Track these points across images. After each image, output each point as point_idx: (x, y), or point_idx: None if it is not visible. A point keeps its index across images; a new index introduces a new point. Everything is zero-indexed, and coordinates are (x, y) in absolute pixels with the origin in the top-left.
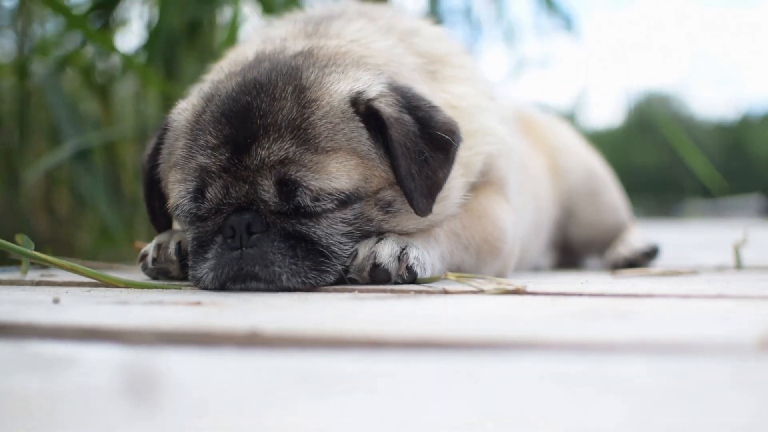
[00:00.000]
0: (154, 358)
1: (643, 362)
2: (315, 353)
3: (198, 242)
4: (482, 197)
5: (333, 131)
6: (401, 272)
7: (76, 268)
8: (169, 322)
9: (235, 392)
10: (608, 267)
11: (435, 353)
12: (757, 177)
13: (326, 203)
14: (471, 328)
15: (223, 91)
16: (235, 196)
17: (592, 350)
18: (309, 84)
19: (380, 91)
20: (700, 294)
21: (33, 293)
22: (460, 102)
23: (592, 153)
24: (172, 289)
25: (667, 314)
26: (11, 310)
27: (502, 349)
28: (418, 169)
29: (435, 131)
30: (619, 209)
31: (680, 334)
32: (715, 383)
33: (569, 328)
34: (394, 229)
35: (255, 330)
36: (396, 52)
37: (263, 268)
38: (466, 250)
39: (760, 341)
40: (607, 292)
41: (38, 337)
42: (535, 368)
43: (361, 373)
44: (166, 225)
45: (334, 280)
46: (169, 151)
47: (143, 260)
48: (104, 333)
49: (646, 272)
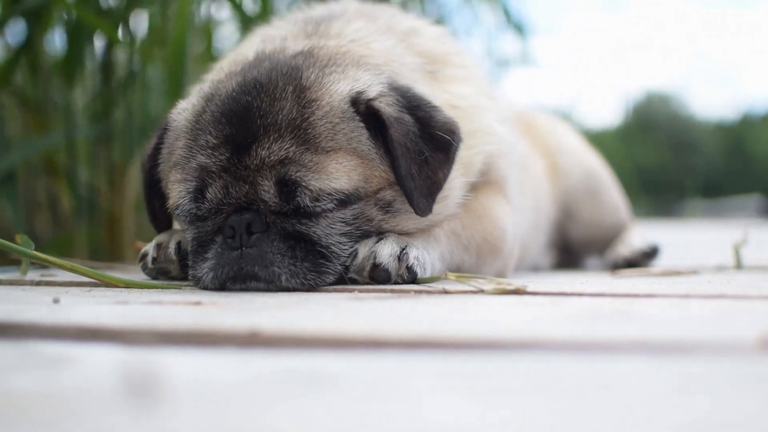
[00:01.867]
0: (154, 358)
1: (643, 362)
2: (315, 353)
3: (198, 242)
4: (482, 197)
5: (333, 131)
6: (401, 272)
7: (76, 268)
8: (169, 322)
9: (235, 392)
10: (608, 267)
11: (435, 353)
12: (757, 177)
13: (326, 203)
14: (471, 328)
15: (223, 90)
16: (235, 196)
17: (592, 350)
18: (309, 84)
19: (380, 91)
20: (700, 294)
21: (33, 293)
22: (461, 102)
23: (591, 153)
24: (172, 289)
25: (667, 314)
26: (11, 310)
27: (502, 349)
28: (418, 169)
29: (435, 131)
30: (618, 209)
31: (680, 334)
32: (715, 383)
33: (569, 328)
34: (394, 229)
35: (255, 330)
36: (396, 51)
37: (263, 268)
38: (466, 249)
39: (760, 341)
40: (607, 292)
41: (38, 337)
42: (535, 368)
43: (361, 373)
44: (166, 225)
45: (333, 280)
46: (169, 151)
47: (143, 260)
48: (104, 333)
49: (646, 272)
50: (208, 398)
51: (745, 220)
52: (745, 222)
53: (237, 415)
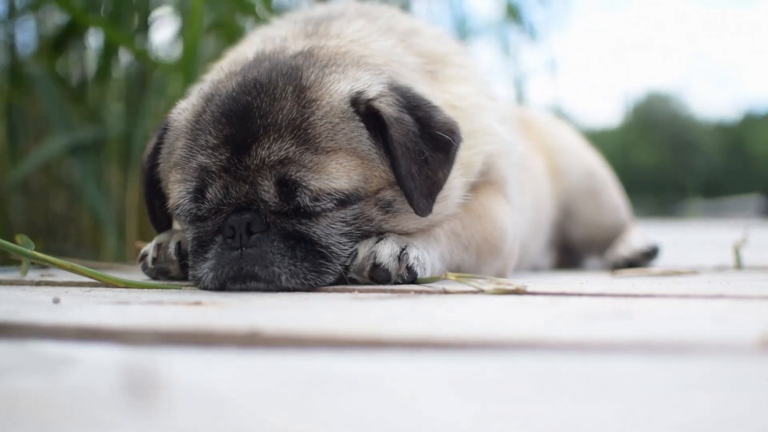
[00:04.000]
0: (154, 358)
1: (643, 362)
2: (315, 353)
3: (198, 242)
4: (482, 197)
5: (333, 131)
6: (401, 272)
7: (76, 268)
8: (169, 322)
9: (235, 392)
10: (608, 267)
11: (435, 353)
12: (757, 177)
13: (326, 203)
14: (471, 328)
15: (223, 90)
16: (235, 196)
17: (592, 350)
18: (309, 84)
19: (380, 91)
20: (700, 294)
21: (33, 293)
22: (461, 102)
23: (591, 153)
24: (172, 289)
25: (667, 314)
26: (11, 310)
27: (501, 349)
28: (418, 169)
29: (435, 131)
30: (618, 209)
31: (680, 334)
32: (715, 383)
33: (569, 328)
34: (394, 229)
35: (255, 330)
36: (396, 52)
37: (263, 268)
38: (466, 249)
39: (760, 341)
40: (607, 292)
41: (38, 337)
42: (535, 368)
43: (361, 373)
44: (166, 225)
45: (333, 280)
46: (169, 151)
47: (143, 260)
48: (104, 333)
49: (646, 272)
50: (208, 398)
51: (745, 220)
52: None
53: (237, 415)
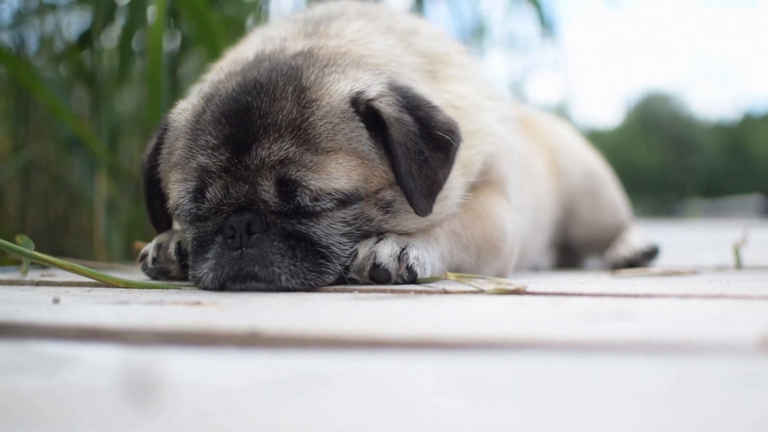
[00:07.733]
0: (154, 358)
1: (642, 362)
2: (315, 353)
3: (198, 242)
4: (482, 197)
5: (333, 131)
6: (401, 272)
7: (76, 268)
8: (169, 322)
9: (235, 392)
10: (608, 267)
11: (435, 353)
12: (757, 177)
13: (326, 203)
14: (471, 328)
15: (223, 91)
16: (235, 196)
17: (592, 350)
18: (309, 84)
19: (380, 91)
20: (700, 294)
21: (33, 293)
22: (461, 102)
23: (592, 153)
24: (172, 289)
25: (667, 314)
26: (11, 310)
27: (502, 349)
28: (418, 169)
29: (435, 131)
30: (619, 209)
31: (680, 334)
32: (715, 383)
33: (569, 328)
34: (394, 229)
35: (255, 330)
36: (396, 51)
37: (263, 268)
38: (466, 249)
39: (760, 341)
40: (607, 292)
41: (38, 337)
42: (535, 368)
43: (361, 373)
44: (166, 225)
45: (333, 280)
46: (169, 151)
47: (143, 260)
48: (104, 333)
49: (646, 272)
50: (208, 398)
51: (745, 220)
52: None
53: (237, 415)
